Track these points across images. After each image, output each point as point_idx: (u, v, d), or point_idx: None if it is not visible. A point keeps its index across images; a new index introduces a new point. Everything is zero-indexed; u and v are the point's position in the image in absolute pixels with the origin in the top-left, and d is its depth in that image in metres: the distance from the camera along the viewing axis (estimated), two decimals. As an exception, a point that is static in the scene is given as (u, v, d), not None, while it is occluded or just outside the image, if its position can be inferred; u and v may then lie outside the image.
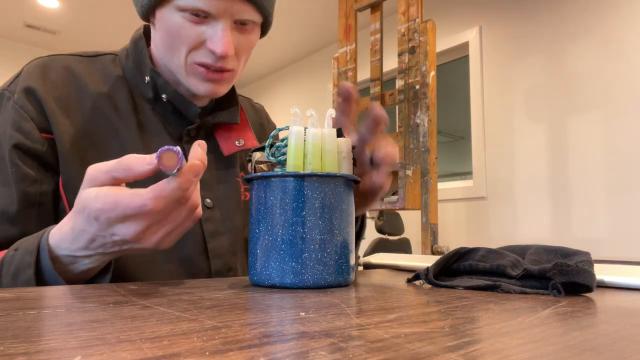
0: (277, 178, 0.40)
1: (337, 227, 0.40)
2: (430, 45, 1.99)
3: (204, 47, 0.57)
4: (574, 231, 2.39)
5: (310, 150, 0.41)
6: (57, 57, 0.61)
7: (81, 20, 3.85)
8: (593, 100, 2.36)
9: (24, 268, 0.42)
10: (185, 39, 0.56)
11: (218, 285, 0.41)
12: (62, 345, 0.18)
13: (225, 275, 0.61)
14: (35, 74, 0.58)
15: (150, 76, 0.61)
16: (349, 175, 0.42)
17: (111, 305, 0.29)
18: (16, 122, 0.55)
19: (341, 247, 0.41)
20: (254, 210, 0.42)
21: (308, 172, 0.40)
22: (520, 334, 0.22)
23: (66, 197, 0.55)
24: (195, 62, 0.58)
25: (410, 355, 0.18)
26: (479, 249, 0.47)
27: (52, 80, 0.58)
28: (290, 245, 0.39)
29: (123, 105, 0.61)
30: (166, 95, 0.62)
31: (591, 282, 0.37)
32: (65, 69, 0.60)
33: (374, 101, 2.21)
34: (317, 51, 4.34)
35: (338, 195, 0.41)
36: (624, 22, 2.28)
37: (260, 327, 0.23)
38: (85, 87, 0.60)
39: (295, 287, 0.39)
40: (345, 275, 0.41)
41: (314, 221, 0.39)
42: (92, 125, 0.58)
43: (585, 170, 2.36)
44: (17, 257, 0.43)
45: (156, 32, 0.60)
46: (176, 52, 0.57)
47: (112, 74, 0.63)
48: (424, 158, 1.93)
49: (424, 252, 1.92)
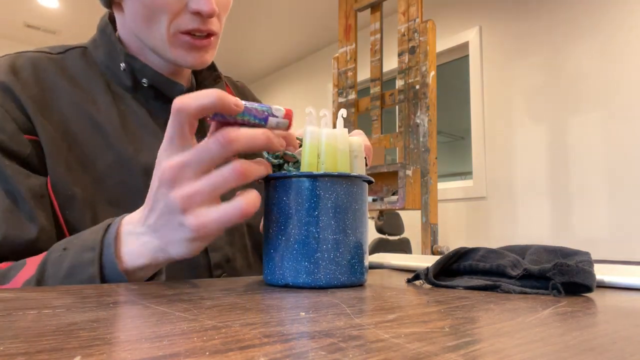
0: (293, 178, 0.40)
1: (350, 227, 0.41)
2: (430, 45, 1.99)
3: (186, 12, 0.54)
4: (574, 231, 2.39)
5: (324, 150, 0.41)
6: (24, 54, 0.58)
7: (81, 20, 3.85)
8: (593, 100, 2.36)
9: (83, 266, 0.40)
10: (165, 6, 0.53)
11: (218, 285, 0.41)
12: (62, 345, 0.18)
13: (225, 267, 0.61)
14: (5, 71, 0.54)
15: (126, 62, 0.59)
16: (363, 176, 0.42)
17: (111, 305, 0.29)
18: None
19: (354, 247, 0.41)
20: (268, 210, 0.42)
21: (322, 172, 0.40)
22: (520, 334, 0.22)
23: (56, 200, 0.52)
24: (179, 30, 0.55)
25: (410, 355, 0.18)
26: (479, 249, 0.47)
27: (23, 80, 0.54)
28: (303, 245, 0.39)
29: (101, 98, 0.58)
30: (146, 79, 0.59)
31: (591, 282, 0.37)
32: (34, 67, 0.56)
33: (375, 100, 2.21)
34: (317, 51, 4.34)
35: (351, 195, 0.41)
36: (624, 22, 2.28)
37: (260, 327, 0.23)
38: (58, 84, 0.56)
39: (308, 286, 0.39)
40: (359, 275, 0.41)
41: (327, 221, 0.39)
42: (71, 123, 0.55)
43: (585, 170, 2.36)
44: (70, 255, 0.41)
45: (128, 12, 0.57)
46: (156, 24, 0.55)
47: (84, 67, 0.60)
48: (424, 158, 1.93)
49: (424, 252, 1.92)
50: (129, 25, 0.59)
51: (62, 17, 3.80)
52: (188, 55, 0.57)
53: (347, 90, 2.35)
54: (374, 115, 2.21)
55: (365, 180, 0.43)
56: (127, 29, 0.60)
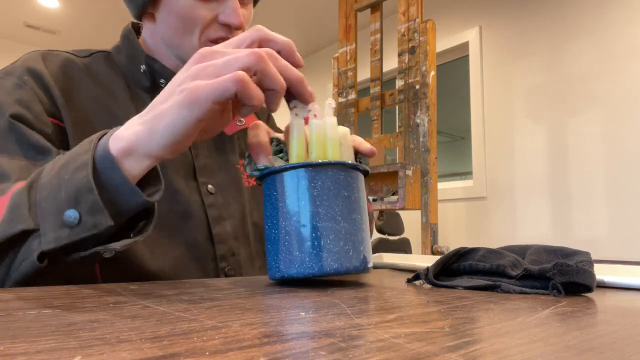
0: (278, 173, 0.41)
1: (341, 214, 0.40)
2: (430, 45, 1.99)
3: (216, 23, 0.60)
4: (574, 231, 2.39)
5: (314, 140, 0.42)
6: (54, 52, 0.62)
7: (81, 20, 3.85)
8: (593, 100, 2.36)
9: (77, 156, 0.39)
10: (198, 18, 0.58)
11: (218, 285, 0.41)
12: (62, 345, 0.18)
13: (229, 260, 0.62)
14: (38, 61, 0.58)
15: (146, 63, 0.63)
16: (355, 164, 0.42)
17: (111, 305, 0.29)
18: (24, 101, 0.53)
19: (346, 234, 0.40)
20: (265, 207, 0.43)
21: (302, 163, 0.40)
22: (520, 334, 0.22)
23: None
24: (209, 39, 0.60)
25: (410, 355, 0.18)
26: (479, 249, 0.47)
27: (53, 71, 0.58)
28: (293, 235, 0.39)
29: (120, 95, 0.62)
30: (164, 79, 0.63)
31: (591, 282, 0.37)
32: (63, 62, 0.60)
33: (375, 100, 2.21)
34: (317, 51, 4.34)
35: (338, 182, 0.41)
36: (624, 22, 2.28)
37: (260, 327, 0.23)
38: (82, 80, 0.60)
39: (301, 276, 0.39)
40: (355, 262, 0.40)
41: (314, 209, 0.39)
42: (92, 115, 0.58)
43: (585, 170, 2.36)
44: (65, 156, 0.40)
45: (162, 22, 0.61)
46: (189, 34, 0.59)
47: (107, 68, 0.63)
48: (424, 158, 1.93)
49: (424, 252, 1.92)
50: (160, 33, 0.63)
51: (62, 17, 3.80)
52: None
53: (347, 90, 2.35)
54: (374, 115, 2.21)
55: (350, 166, 0.42)
56: (157, 37, 0.64)
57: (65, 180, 0.38)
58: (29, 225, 0.37)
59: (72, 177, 0.38)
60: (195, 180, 0.63)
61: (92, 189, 0.37)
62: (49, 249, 0.37)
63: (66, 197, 0.37)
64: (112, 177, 0.38)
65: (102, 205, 0.37)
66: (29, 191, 0.39)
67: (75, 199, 0.37)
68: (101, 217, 0.37)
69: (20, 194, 0.39)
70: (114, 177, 0.38)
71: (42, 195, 0.38)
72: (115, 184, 0.38)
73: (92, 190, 0.37)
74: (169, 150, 0.38)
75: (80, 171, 0.38)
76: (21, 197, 0.39)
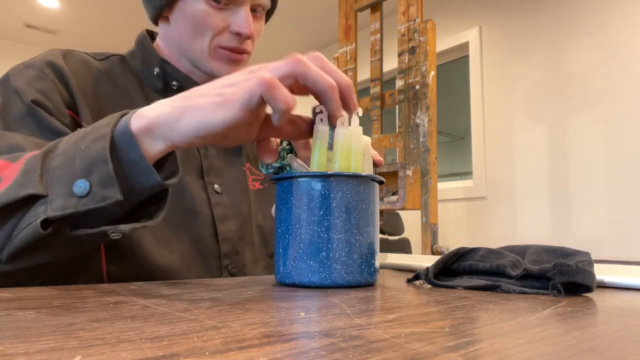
0: (300, 179, 0.41)
1: (357, 227, 0.40)
2: (430, 45, 1.99)
3: (227, 32, 0.62)
4: (574, 231, 2.38)
5: (339, 150, 0.41)
6: (73, 51, 0.64)
7: (81, 20, 3.84)
8: (593, 100, 2.35)
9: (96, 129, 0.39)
10: (211, 25, 0.60)
11: (218, 285, 0.41)
12: (62, 345, 0.18)
13: (233, 258, 0.63)
14: (58, 57, 0.59)
15: (160, 66, 0.64)
16: (372, 175, 0.42)
17: (111, 305, 0.29)
18: (44, 91, 0.54)
19: (362, 247, 0.41)
20: (279, 209, 0.43)
21: (336, 172, 0.40)
22: (520, 334, 0.22)
23: None
24: (219, 45, 0.62)
25: (410, 355, 0.18)
26: (479, 249, 0.47)
27: (74, 68, 0.60)
28: (309, 244, 0.39)
29: (135, 96, 0.63)
30: (176, 82, 0.65)
31: (591, 282, 0.37)
32: (81, 62, 0.62)
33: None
34: (317, 51, 4.34)
35: (358, 195, 0.41)
36: (624, 22, 2.28)
37: (260, 327, 0.23)
38: (99, 80, 0.62)
39: (314, 285, 0.39)
40: (366, 275, 0.41)
41: (333, 221, 0.40)
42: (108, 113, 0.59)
43: (585, 170, 2.36)
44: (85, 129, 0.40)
45: (175, 25, 0.63)
46: (200, 38, 0.61)
47: (122, 70, 0.65)
48: (424, 158, 1.93)
49: (424, 252, 1.92)
50: (172, 36, 0.65)
51: (62, 17, 3.80)
52: (224, 67, 0.63)
53: (347, 90, 2.35)
54: (374, 115, 2.21)
55: (375, 180, 0.43)
56: (170, 39, 0.66)
57: (81, 150, 0.38)
58: (37, 189, 0.37)
59: (88, 147, 0.38)
60: (202, 179, 0.64)
61: (107, 161, 0.37)
62: (54, 216, 0.36)
63: (80, 166, 0.37)
64: (129, 152, 0.38)
65: (115, 178, 0.37)
66: (43, 157, 0.39)
67: (89, 169, 0.37)
68: (111, 190, 0.37)
69: (34, 159, 0.39)
70: (131, 153, 0.38)
71: (56, 162, 0.38)
72: (132, 160, 0.38)
73: (107, 162, 0.37)
74: (186, 142, 0.38)
75: (98, 142, 0.38)
76: (35, 162, 0.39)
